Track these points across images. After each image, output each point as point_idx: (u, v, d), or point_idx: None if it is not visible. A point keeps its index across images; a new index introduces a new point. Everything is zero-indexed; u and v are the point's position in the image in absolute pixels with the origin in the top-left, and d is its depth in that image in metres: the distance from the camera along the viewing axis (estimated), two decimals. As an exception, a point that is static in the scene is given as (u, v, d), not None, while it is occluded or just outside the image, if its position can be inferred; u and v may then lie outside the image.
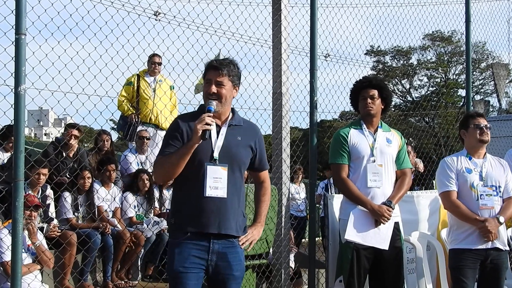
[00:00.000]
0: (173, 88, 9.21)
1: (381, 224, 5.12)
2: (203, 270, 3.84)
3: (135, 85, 9.03)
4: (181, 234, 3.81)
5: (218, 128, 3.90)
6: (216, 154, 3.85)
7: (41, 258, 5.83)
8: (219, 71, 3.88)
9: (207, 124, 3.68)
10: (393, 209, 5.16)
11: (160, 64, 9.10)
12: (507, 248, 5.52)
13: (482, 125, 5.52)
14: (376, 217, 5.12)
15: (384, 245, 5.13)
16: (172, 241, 3.91)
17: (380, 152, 5.30)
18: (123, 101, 8.95)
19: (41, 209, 6.41)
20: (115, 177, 7.70)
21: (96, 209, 7.20)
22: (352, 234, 5.11)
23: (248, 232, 4.02)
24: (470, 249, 5.35)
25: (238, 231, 3.94)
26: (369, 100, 5.36)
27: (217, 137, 3.88)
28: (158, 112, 8.98)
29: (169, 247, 3.93)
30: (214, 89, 3.86)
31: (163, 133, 9.05)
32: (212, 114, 3.76)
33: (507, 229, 5.70)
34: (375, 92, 5.38)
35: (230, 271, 3.89)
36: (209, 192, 3.79)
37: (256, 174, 4.17)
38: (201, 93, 4.19)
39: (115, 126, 10.47)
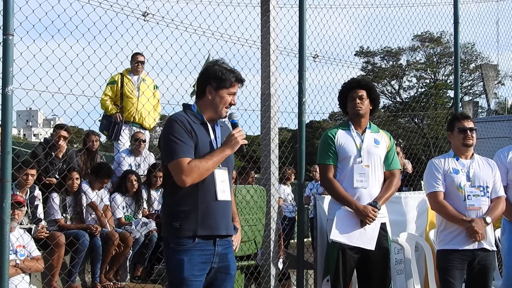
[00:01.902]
0: (157, 87, 9.16)
1: (367, 224, 5.13)
2: (206, 274, 3.88)
3: (119, 84, 8.96)
4: (188, 240, 3.79)
5: (213, 130, 3.95)
6: None
7: (26, 266, 5.77)
8: (243, 84, 4.03)
9: (244, 139, 3.85)
10: (378, 209, 5.15)
11: (143, 62, 9.03)
12: (495, 248, 5.54)
13: (466, 128, 5.54)
14: (361, 217, 5.11)
15: (370, 245, 5.13)
16: (176, 248, 3.80)
17: (367, 153, 5.30)
18: (107, 100, 8.87)
19: (25, 208, 6.37)
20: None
21: (84, 209, 7.18)
22: (337, 234, 5.11)
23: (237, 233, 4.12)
24: (458, 250, 5.37)
25: (234, 230, 4.03)
26: (357, 101, 5.36)
27: (216, 140, 3.93)
28: (142, 111, 8.93)
29: (173, 253, 3.82)
30: (234, 100, 3.98)
31: (146, 132, 9.06)
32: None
33: (494, 229, 5.73)
34: (363, 93, 5.39)
35: (228, 270, 3.96)
36: (220, 196, 3.85)
37: None
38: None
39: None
